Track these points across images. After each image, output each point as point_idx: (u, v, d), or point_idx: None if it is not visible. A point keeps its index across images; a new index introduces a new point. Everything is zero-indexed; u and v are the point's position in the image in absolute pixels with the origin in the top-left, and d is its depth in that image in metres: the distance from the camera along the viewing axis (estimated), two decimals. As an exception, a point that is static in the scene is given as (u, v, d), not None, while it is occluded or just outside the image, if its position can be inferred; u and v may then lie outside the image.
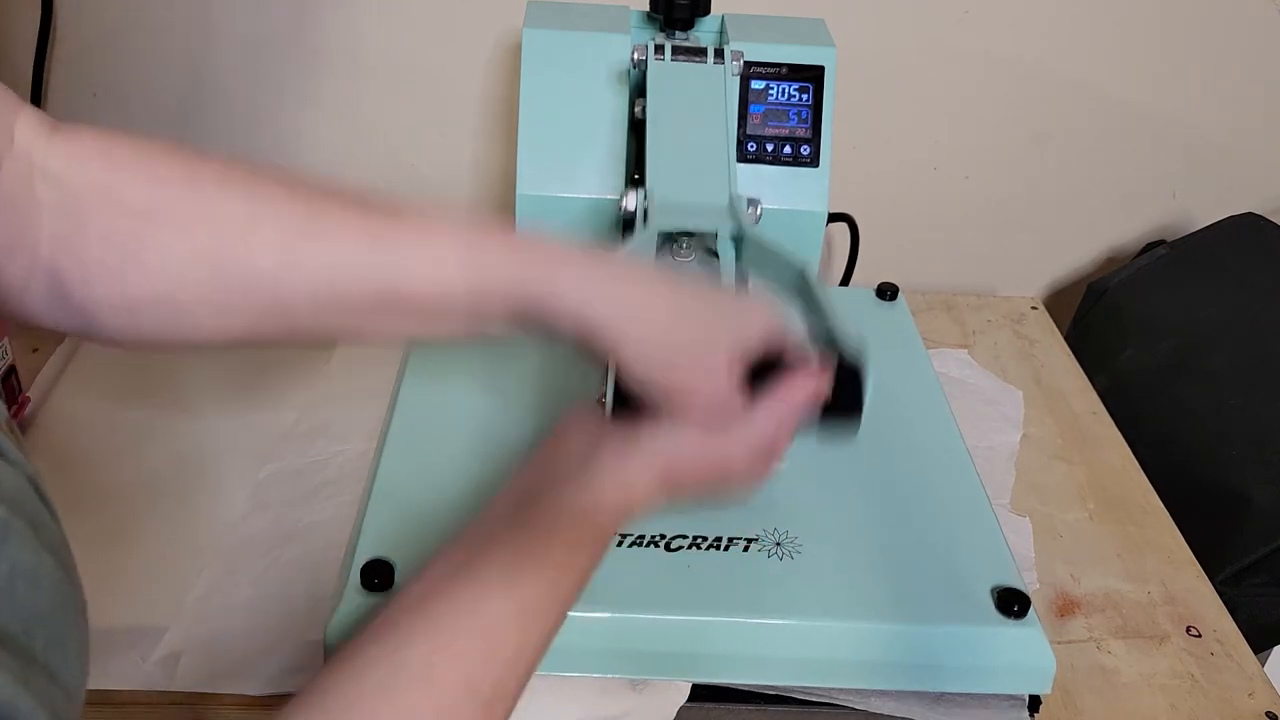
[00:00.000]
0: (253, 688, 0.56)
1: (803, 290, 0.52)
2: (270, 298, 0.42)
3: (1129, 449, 0.79)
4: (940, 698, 0.55)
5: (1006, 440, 0.74)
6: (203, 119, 0.91)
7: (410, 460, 0.64)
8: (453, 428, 0.67)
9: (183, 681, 0.55)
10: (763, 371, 0.45)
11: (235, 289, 0.41)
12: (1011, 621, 0.56)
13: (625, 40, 0.68)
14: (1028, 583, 0.63)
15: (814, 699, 0.54)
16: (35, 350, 0.78)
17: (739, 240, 0.56)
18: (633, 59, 0.64)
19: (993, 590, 0.57)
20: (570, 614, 0.42)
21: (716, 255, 0.57)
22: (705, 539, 0.59)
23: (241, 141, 0.92)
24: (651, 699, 0.53)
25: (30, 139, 0.39)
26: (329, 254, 0.42)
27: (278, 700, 0.56)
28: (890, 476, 0.65)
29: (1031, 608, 0.56)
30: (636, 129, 0.65)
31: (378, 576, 0.54)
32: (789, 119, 0.68)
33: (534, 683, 0.51)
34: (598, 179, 0.67)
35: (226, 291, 0.41)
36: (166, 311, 0.41)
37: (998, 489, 0.71)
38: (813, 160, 0.72)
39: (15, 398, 0.70)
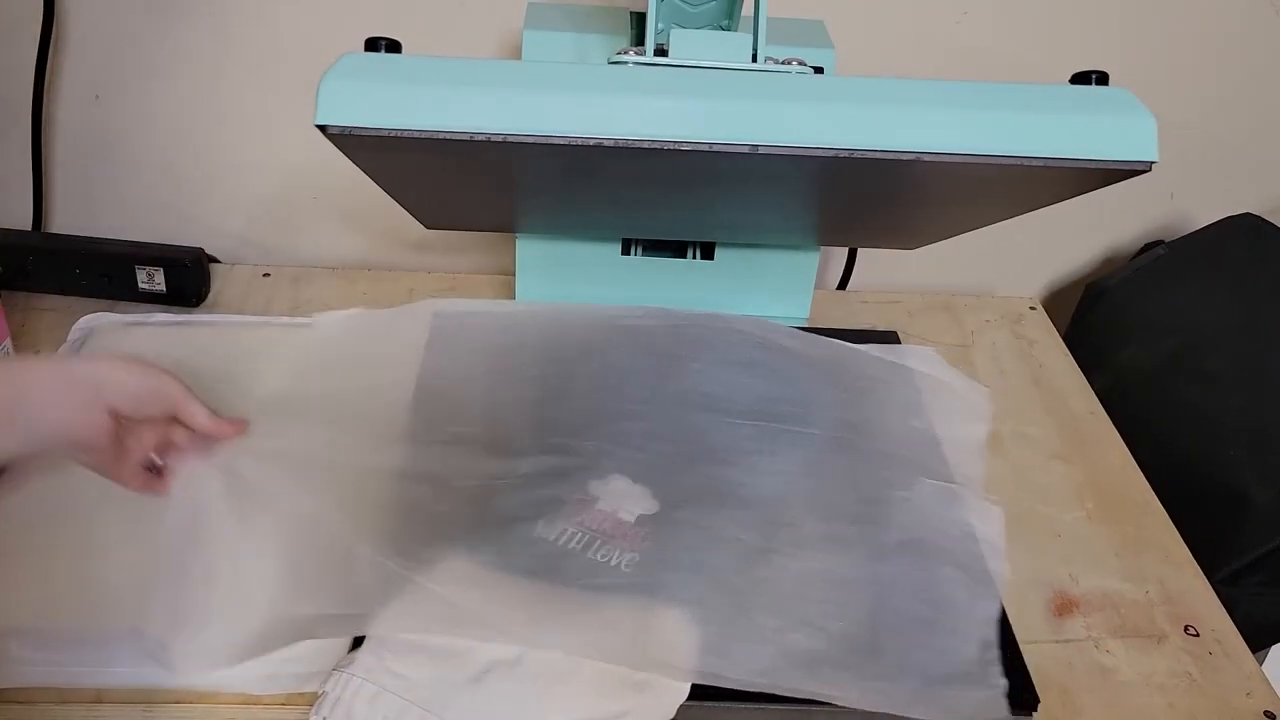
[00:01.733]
0: (254, 686, 0.56)
1: None
2: None
3: (1127, 449, 0.79)
4: (940, 697, 0.55)
5: (973, 432, 0.74)
6: (205, 122, 0.91)
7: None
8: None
9: (182, 679, 0.55)
10: None
11: None
12: None
13: (625, 42, 0.68)
14: (997, 571, 0.62)
15: (818, 699, 0.54)
16: (37, 352, 0.79)
17: None
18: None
19: None
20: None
21: None
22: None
23: (241, 145, 0.93)
24: (651, 698, 0.53)
25: None
26: None
27: (281, 699, 0.56)
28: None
29: None
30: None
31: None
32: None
33: (534, 682, 0.52)
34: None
35: None
36: None
37: (966, 478, 0.71)
38: (812, 161, 0.72)
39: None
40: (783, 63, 0.54)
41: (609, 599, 0.55)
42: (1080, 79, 0.50)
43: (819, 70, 0.68)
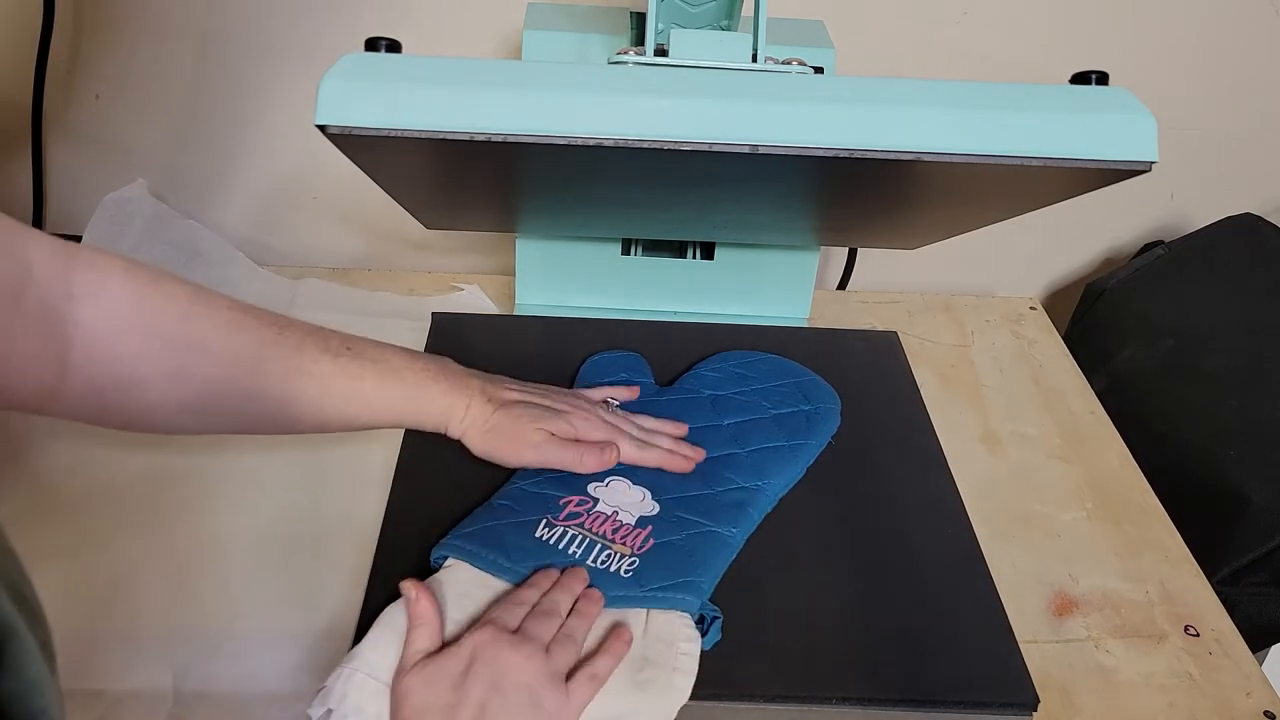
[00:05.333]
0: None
1: None
2: (258, 417, 0.55)
3: (1127, 449, 0.79)
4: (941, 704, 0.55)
5: None
6: (205, 122, 0.91)
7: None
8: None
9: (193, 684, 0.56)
10: None
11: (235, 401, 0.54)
12: None
13: (625, 42, 0.68)
14: None
15: (818, 698, 0.54)
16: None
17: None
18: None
19: None
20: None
21: None
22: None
23: (243, 145, 0.93)
24: (652, 698, 0.53)
25: (48, 271, 0.46)
26: (313, 392, 0.55)
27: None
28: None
29: None
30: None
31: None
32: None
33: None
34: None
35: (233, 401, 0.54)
36: (186, 419, 0.53)
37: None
38: (812, 161, 0.72)
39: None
40: (783, 63, 0.54)
41: (610, 600, 0.56)
42: (1080, 79, 0.50)
43: (819, 70, 0.68)
